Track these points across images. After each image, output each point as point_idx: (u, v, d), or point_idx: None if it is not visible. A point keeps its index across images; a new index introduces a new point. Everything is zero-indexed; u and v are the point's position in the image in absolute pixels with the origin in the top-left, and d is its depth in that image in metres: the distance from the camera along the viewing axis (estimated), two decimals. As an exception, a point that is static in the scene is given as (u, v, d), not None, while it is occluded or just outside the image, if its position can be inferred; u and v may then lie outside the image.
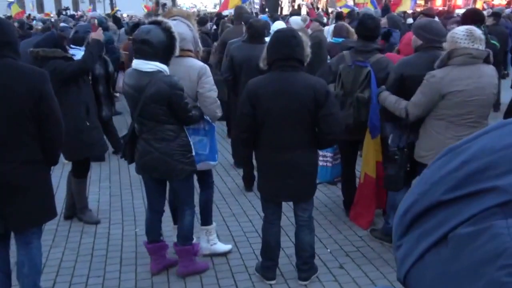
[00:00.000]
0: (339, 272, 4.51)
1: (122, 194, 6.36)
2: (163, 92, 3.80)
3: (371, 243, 5.02)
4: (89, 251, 4.88)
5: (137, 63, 3.89)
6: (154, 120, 3.91)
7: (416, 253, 0.57)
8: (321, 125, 3.87)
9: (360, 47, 5.01)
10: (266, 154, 3.97)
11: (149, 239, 4.42)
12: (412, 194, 0.60)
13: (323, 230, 5.21)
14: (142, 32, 3.87)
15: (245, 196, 6.27)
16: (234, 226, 5.38)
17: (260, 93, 3.84)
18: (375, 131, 4.88)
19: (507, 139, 0.53)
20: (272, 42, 3.89)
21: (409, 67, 4.36)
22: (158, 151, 3.96)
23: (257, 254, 4.69)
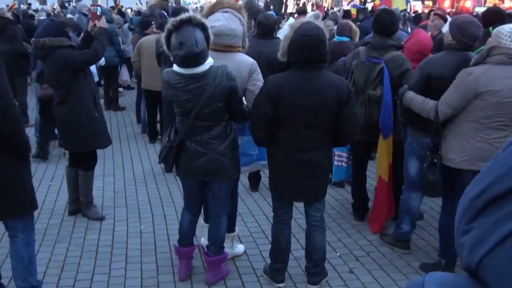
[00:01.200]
0: (349, 277, 4.43)
1: (126, 190, 6.25)
2: (224, 86, 3.67)
3: (382, 248, 4.92)
4: (94, 247, 4.78)
5: (188, 70, 3.66)
6: (211, 120, 3.77)
7: (495, 238, 0.54)
8: (344, 125, 3.78)
9: (375, 43, 4.88)
10: (284, 153, 3.85)
11: (183, 242, 4.23)
12: (485, 177, 0.57)
13: (332, 233, 5.11)
14: (190, 46, 3.55)
15: (251, 196, 6.17)
16: (241, 226, 5.27)
17: (283, 92, 3.72)
18: (386, 131, 4.77)
19: None
20: (298, 45, 3.67)
21: (437, 66, 4.18)
22: (213, 152, 3.80)
23: (264, 255, 4.62)
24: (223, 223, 4.11)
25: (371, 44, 4.91)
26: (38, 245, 4.60)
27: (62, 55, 4.84)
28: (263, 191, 6.27)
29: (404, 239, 4.83)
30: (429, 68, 4.21)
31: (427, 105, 4.10)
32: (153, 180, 6.58)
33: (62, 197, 5.59)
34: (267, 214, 5.57)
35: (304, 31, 3.67)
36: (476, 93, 3.75)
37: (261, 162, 4.27)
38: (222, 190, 4.03)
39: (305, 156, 3.80)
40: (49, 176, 6.66)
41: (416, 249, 4.90)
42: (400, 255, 4.79)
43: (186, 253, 4.25)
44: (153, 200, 5.92)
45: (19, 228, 3.51)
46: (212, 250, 4.17)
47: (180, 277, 4.24)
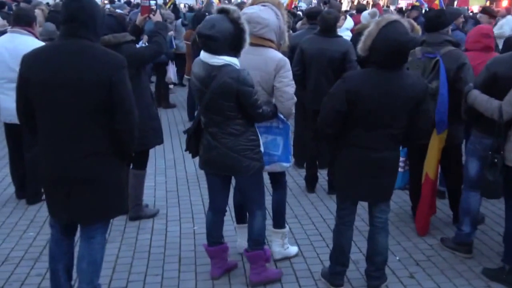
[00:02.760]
0: (409, 282, 4.27)
1: (179, 190, 6.19)
2: (229, 88, 3.59)
3: (443, 252, 4.74)
4: (146, 248, 4.72)
5: (204, 55, 3.69)
6: (221, 115, 3.71)
7: None
8: (418, 121, 3.70)
9: (429, 39, 4.84)
10: (355, 152, 3.75)
11: (210, 241, 4.19)
12: None
13: (391, 237, 4.88)
14: (205, 27, 3.61)
15: (307, 198, 6.03)
16: (297, 228, 5.15)
17: (362, 92, 3.61)
18: (441, 125, 4.63)
19: None
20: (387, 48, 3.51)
21: (504, 66, 4.10)
22: (224, 146, 3.76)
23: (322, 259, 4.51)
24: (257, 217, 4.01)
25: (425, 41, 4.88)
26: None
27: (130, 51, 4.73)
28: (319, 192, 6.15)
29: (465, 242, 4.68)
30: (496, 68, 4.14)
31: (492, 104, 4.01)
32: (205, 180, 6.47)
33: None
34: (324, 216, 5.46)
35: (396, 36, 3.51)
36: None
37: (283, 163, 4.13)
38: (247, 186, 3.97)
39: (377, 156, 3.70)
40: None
41: (478, 254, 4.71)
42: (461, 259, 4.62)
43: (213, 252, 4.18)
44: (206, 200, 5.75)
45: (100, 229, 3.42)
46: (250, 245, 4.10)
47: (211, 276, 4.21)
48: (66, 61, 3.05)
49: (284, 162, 4.13)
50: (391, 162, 3.80)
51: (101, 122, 3.14)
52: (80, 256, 3.43)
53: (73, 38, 3.10)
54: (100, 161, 3.18)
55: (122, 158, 3.36)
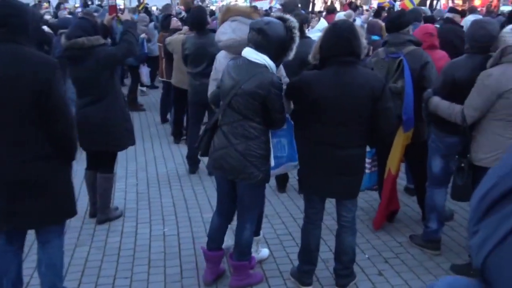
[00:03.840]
0: (378, 279, 4.31)
1: (150, 192, 6.16)
2: (261, 88, 3.58)
3: (411, 249, 4.80)
4: (116, 250, 4.68)
5: (247, 50, 3.67)
6: (241, 114, 3.68)
7: (498, 235, 0.56)
8: (378, 119, 3.71)
9: (392, 40, 4.91)
10: (319, 150, 3.77)
11: (211, 246, 4.13)
12: (491, 178, 0.60)
13: (361, 235, 4.97)
14: (261, 21, 3.68)
15: (278, 197, 6.04)
16: (267, 228, 5.15)
17: (316, 90, 3.65)
18: (409, 124, 4.69)
19: None
20: (330, 36, 3.67)
21: (459, 69, 4.19)
22: (233, 147, 3.71)
23: (292, 258, 4.51)
24: (247, 230, 3.97)
25: (388, 41, 4.95)
26: (58, 249, 4.52)
27: (103, 54, 4.73)
28: (290, 192, 6.16)
29: (433, 239, 4.75)
30: (453, 72, 4.22)
31: (454, 110, 4.09)
32: (177, 182, 6.49)
33: (83, 199, 5.50)
34: (295, 216, 5.47)
35: (336, 24, 3.70)
36: (498, 93, 3.83)
37: (291, 163, 4.09)
38: (246, 193, 3.89)
39: (343, 153, 3.72)
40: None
41: (446, 250, 4.77)
42: (430, 256, 4.68)
43: (211, 257, 4.13)
44: (177, 202, 5.82)
45: (53, 233, 3.38)
46: (235, 255, 4.06)
47: (204, 281, 4.14)
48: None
49: (292, 161, 4.04)
50: (355, 160, 3.80)
51: (41, 126, 3.11)
52: (38, 260, 3.42)
53: (4, 42, 3.06)
54: (44, 165, 3.16)
55: (65, 161, 3.33)
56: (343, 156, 3.72)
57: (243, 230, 3.97)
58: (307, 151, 3.85)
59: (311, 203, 4.02)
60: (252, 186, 3.81)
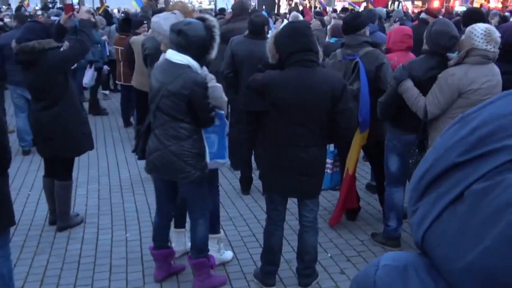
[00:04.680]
0: (340, 278, 4.35)
1: (112, 197, 6.08)
2: (184, 88, 3.60)
3: (373, 247, 4.87)
4: (76, 258, 4.61)
5: (169, 53, 3.70)
6: (169, 115, 3.70)
7: (434, 213, 0.62)
8: (338, 119, 3.74)
9: (348, 41, 4.96)
10: (281, 150, 3.78)
11: (156, 245, 4.19)
12: (426, 160, 0.65)
13: (324, 234, 5.01)
14: (181, 22, 3.70)
15: (242, 199, 6.04)
16: (231, 230, 5.16)
17: (275, 91, 3.68)
18: (364, 125, 4.75)
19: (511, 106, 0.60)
20: (287, 32, 3.69)
21: (416, 68, 4.25)
22: (166, 149, 3.73)
23: (255, 259, 4.51)
24: (199, 225, 4.01)
25: (345, 43, 5.00)
26: (16, 258, 4.42)
27: (55, 57, 4.65)
28: (254, 194, 6.15)
29: (393, 236, 4.84)
30: (409, 69, 4.28)
31: (419, 102, 4.13)
32: (140, 186, 6.42)
33: (42, 207, 5.40)
34: (259, 217, 5.47)
35: (293, 22, 3.81)
36: (460, 92, 3.92)
37: (219, 160, 4.09)
38: (187, 192, 3.97)
39: (304, 153, 3.74)
40: (28, 185, 6.40)
41: (406, 247, 4.84)
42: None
43: (157, 255, 4.19)
44: (140, 207, 5.76)
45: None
46: (193, 253, 4.09)
47: (154, 277, 4.21)
48: None
49: (219, 158, 4.07)
50: (316, 160, 3.82)
51: None
52: None
53: None
54: None
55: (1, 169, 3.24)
56: (304, 156, 3.74)
57: (196, 226, 4.01)
58: (269, 151, 3.89)
59: (273, 204, 4.03)
60: (192, 184, 3.86)
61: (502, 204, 0.54)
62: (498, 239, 0.54)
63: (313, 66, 3.69)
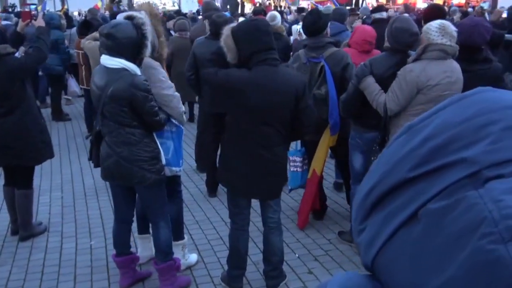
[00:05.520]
0: (308, 278, 4.36)
1: (76, 205, 5.98)
2: (123, 92, 3.53)
3: (340, 246, 4.88)
4: (40, 267, 4.52)
5: (103, 58, 3.61)
6: (115, 122, 3.63)
7: (385, 234, 0.56)
8: (302, 118, 3.73)
9: (311, 44, 4.91)
10: (243, 150, 3.75)
11: (117, 252, 4.13)
12: (373, 175, 0.59)
13: (291, 234, 5.02)
14: (108, 25, 3.62)
15: (209, 202, 6.01)
16: (198, 234, 5.13)
17: (242, 89, 3.64)
18: (335, 128, 4.77)
19: (467, 112, 0.54)
20: (249, 30, 3.62)
21: (377, 66, 4.28)
22: (118, 155, 3.67)
23: (223, 263, 4.48)
24: (161, 228, 3.97)
25: (308, 45, 4.95)
26: (-24, 270, 4.33)
27: (12, 63, 4.54)
28: (221, 196, 6.10)
29: None
30: (371, 68, 4.29)
31: (379, 98, 4.14)
32: (105, 192, 6.31)
33: (3, 217, 5.28)
34: (226, 220, 5.39)
35: (250, 20, 3.73)
36: (418, 88, 3.93)
37: (172, 167, 3.99)
38: (145, 196, 3.94)
39: (266, 153, 3.71)
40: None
41: None
42: (358, 251, 4.72)
43: (120, 262, 4.14)
44: (105, 213, 5.67)
45: None
46: (158, 258, 4.04)
47: (119, 285, 4.16)
48: None
49: (174, 166, 4.00)
50: (278, 159, 3.80)
51: None
52: None
53: None
54: None
55: None
56: (269, 156, 3.73)
57: (159, 230, 3.98)
58: (231, 152, 3.85)
59: (237, 208, 4.00)
60: (148, 187, 3.83)
61: (466, 228, 0.49)
62: (464, 267, 0.48)
63: (277, 65, 3.68)
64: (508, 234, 0.46)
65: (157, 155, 3.78)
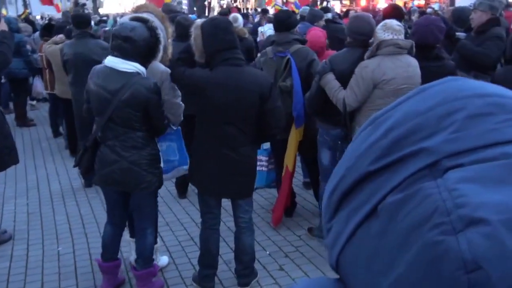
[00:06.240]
0: (279, 274, 4.38)
1: (42, 211, 5.88)
2: (140, 96, 3.50)
3: (310, 241, 4.92)
4: (5, 276, 4.41)
5: (113, 60, 3.54)
6: (125, 126, 3.59)
7: (347, 231, 0.53)
8: (268, 119, 3.74)
9: (279, 39, 5.01)
10: (211, 150, 3.75)
11: (106, 257, 4.04)
12: (337, 172, 0.57)
13: (262, 232, 5.04)
14: (125, 28, 3.51)
15: (179, 204, 5.98)
16: (168, 235, 5.10)
17: (204, 90, 3.64)
18: (300, 120, 4.80)
19: (429, 102, 0.52)
20: (211, 29, 3.63)
21: (338, 62, 4.34)
22: (126, 160, 3.62)
23: (194, 263, 4.46)
24: (149, 235, 3.94)
25: (275, 41, 5.05)
26: None
27: None
28: (191, 197, 6.09)
29: None
30: (332, 65, 4.35)
31: (338, 95, 4.21)
32: (72, 197, 6.24)
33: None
34: (196, 220, 5.41)
35: (210, 19, 3.77)
36: (374, 84, 4.02)
37: (183, 167, 4.12)
38: (144, 202, 3.88)
39: (234, 153, 3.73)
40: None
41: None
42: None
43: (108, 268, 4.06)
44: (72, 218, 5.60)
45: None
46: (140, 264, 3.99)
47: None
48: None
49: (184, 165, 4.05)
50: (246, 159, 3.82)
51: None
52: None
53: None
54: None
55: None
56: (236, 157, 3.74)
57: (146, 236, 3.94)
58: (199, 152, 3.85)
59: (207, 208, 4.00)
60: (150, 194, 3.83)
61: (416, 221, 0.45)
62: (412, 265, 0.45)
63: (242, 64, 3.69)
64: (460, 224, 0.43)
65: (160, 158, 3.80)
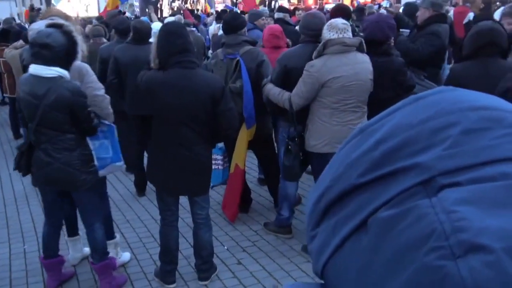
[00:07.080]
0: (237, 268, 4.58)
1: (7, 210, 6.01)
2: (65, 99, 3.61)
3: (267, 236, 5.12)
4: (-26, 276, 4.57)
5: (36, 68, 3.65)
6: (54, 129, 3.71)
7: (335, 242, 0.51)
8: (221, 120, 3.88)
9: (228, 41, 5.12)
10: (166, 150, 3.91)
11: (46, 255, 4.22)
12: (325, 179, 0.55)
13: (219, 228, 5.25)
14: (41, 35, 3.63)
15: (138, 202, 6.16)
16: (129, 232, 5.29)
17: (156, 91, 3.78)
18: (250, 121, 4.94)
19: (422, 114, 0.49)
20: (164, 35, 3.79)
21: (291, 58, 4.50)
22: (58, 162, 3.76)
23: (155, 259, 4.65)
24: (98, 229, 4.11)
25: (225, 43, 5.15)
26: None
27: None
28: (150, 195, 6.25)
29: (285, 225, 5.09)
30: (285, 61, 4.52)
31: (283, 96, 4.39)
32: (35, 197, 6.34)
33: None
34: (156, 217, 5.54)
35: (164, 25, 3.90)
36: (320, 82, 4.13)
37: (117, 164, 4.22)
38: (83, 199, 4.02)
39: (188, 152, 3.87)
40: None
41: (297, 233, 5.14)
42: (283, 240, 5.03)
43: (49, 265, 4.24)
44: (36, 217, 5.73)
45: None
46: (96, 258, 4.16)
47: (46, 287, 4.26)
48: None
49: (117, 161, 4.19)
50: (201, 158, 3.96)
51: None
52: None
53: None
54: None
55: None
56: (190, 156, 3.88)
57: (94, 231, 4.09)
58: (156, 152, 4.01)
59: (165, 205, 4.17)
60: (87, 191, 3.95)
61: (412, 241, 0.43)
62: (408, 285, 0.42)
63: (193, 67, 3.83)
64: (460, 249, 0.41)
65: (92, 157, 3.92)
